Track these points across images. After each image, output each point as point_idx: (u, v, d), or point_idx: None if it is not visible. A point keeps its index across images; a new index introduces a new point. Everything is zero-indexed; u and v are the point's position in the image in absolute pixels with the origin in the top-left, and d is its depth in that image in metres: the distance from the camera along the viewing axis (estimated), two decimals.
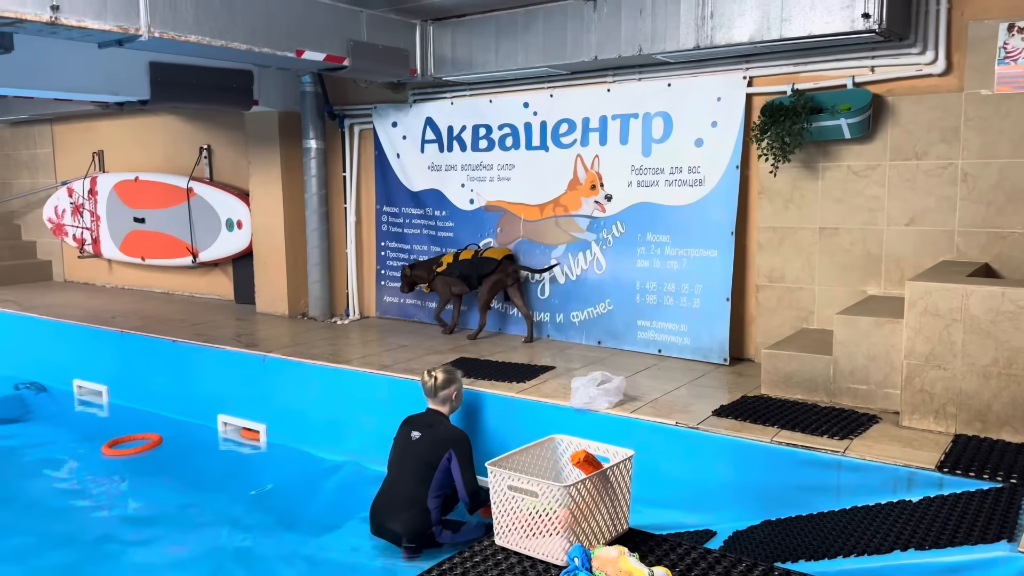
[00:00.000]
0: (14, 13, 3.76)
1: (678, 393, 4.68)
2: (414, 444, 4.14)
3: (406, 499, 4.03)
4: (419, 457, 4.08)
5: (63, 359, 7.10)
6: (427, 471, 4.03)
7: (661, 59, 5.22)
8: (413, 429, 4.21)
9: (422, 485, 4.03)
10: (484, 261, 5.99)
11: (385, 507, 4.09)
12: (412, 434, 4.18)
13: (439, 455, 4.04)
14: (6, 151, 10.27)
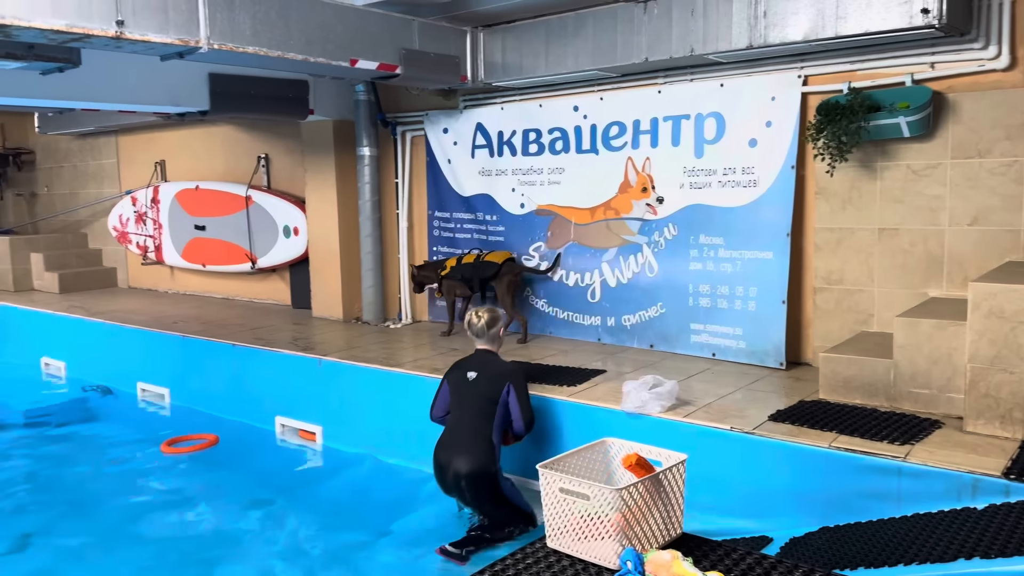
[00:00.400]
0: (82, 29, 3.91)
1: (733, 397, 4.62)
2: (472, 384, 4.32)
3: (472, 435, 4.20)
4: (480, 395, 4.27)
5: (127, 363, 7.33)
6: (489, 406, 4.23)
7: (713, 59, 5.17)
8: (468, 371, 4.37)
9: (486, 420, 4.22)
10: (485, 265, 6.15)
11: (450, 447, 4.22)
12: (468, 375, 4.35)
13: (499, 389, 4.25)
14: (73, 162, 10.67)
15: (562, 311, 6.32)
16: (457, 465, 4.14)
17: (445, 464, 4.21)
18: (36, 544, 4.44)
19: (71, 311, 8.19)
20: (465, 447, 4.17)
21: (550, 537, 2.93)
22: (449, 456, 4.20)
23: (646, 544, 2.80)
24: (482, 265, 6.19)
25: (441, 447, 4.28)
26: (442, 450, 4.27)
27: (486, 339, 4.48)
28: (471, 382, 4.34)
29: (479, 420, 4.23)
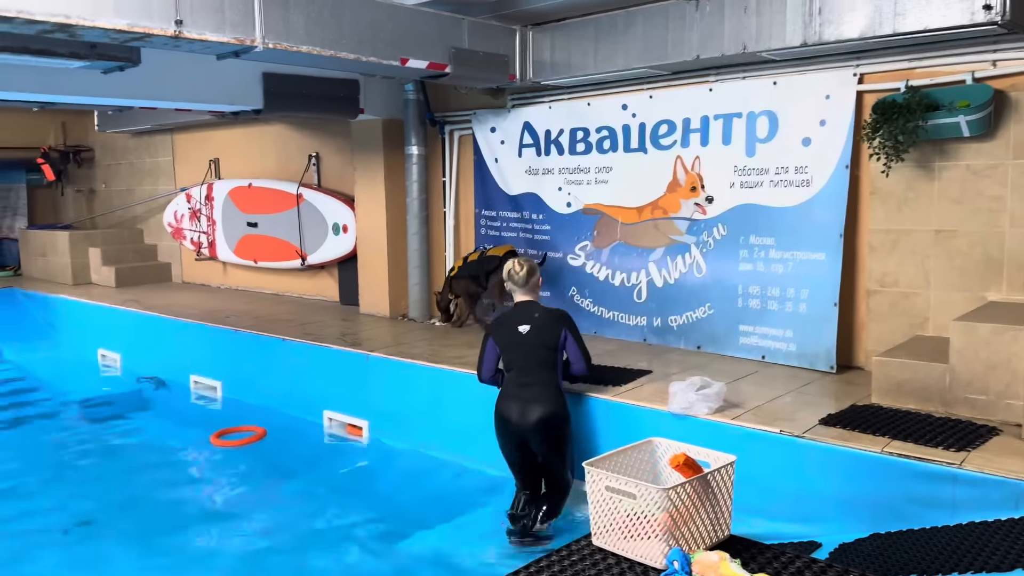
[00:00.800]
0: (143, 28, 4.02)
1: (782, 400, 4.55)
2: (528, 336, 4.32)
3: (541, 384, 4.27)
4: (540, 344, 4.30)
5: (181, 356, 7.51)
6: (550, 354, 4.30)
7: (766, 57, 5.10)
8: (518, 325, 4.35)
9: (551, 369, 4.31)
10: (488, 259, 6.32)
11: (521, 400, 4.24)
12: (520, 329, 4.34)
13: (557, 335, 4.32)
14: (130, 159, 10.96)
15: (607, 311, 6.30)
16: (532, 415, 4.19)
17: (518, 418, 4.22)
18: (87, 531, 4.58)
19: (127, 304, 8.42)
20: (537, 397, 4.23)
21: (595, 535, 2.92)
22: (522, 409, 4.22)
23: (693, 545, 2.77)
24: (485, 260, 6.34)
25: (509, 402, 4.27)
26: (512, 404, 4.25)
27: (527, 289, 4.46)
28: (526, 335, 4.32)
29: (544, 370, 4.29)
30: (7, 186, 11.41)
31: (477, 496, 4.88)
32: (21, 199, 11.65)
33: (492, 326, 4.49)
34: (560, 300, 6.56)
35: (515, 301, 4.52)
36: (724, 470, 2.92)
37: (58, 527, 4.60)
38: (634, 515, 2.76)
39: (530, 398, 4.25)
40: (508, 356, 4.38)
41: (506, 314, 4.50)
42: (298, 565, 4.14)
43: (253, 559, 4.22)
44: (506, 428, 4.29)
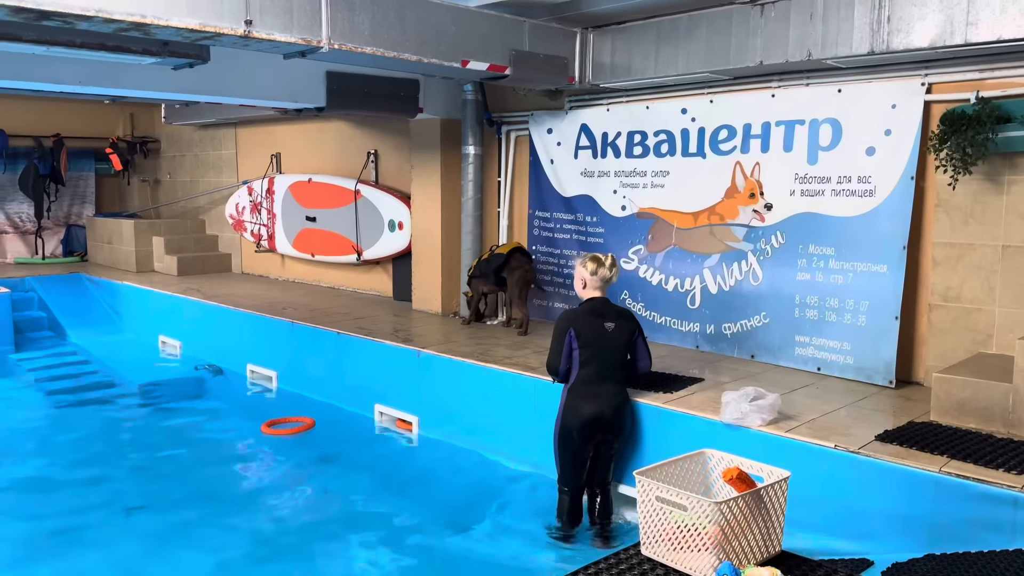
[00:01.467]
0: (214, 28, 4.13)
1: (838, 414, 4.48)
2: (613, 333, 4.34)
3: (619, 381, 4.40)
4: (620, 343, 4.38)
5: (238, 345, 7.70)
6: (624, 351, 4.40)
7: (831, 64, 5.01)
8: (604, 321, 4.35)
9: (623, 366, 4.42)
10: (494, 257, 6.51)
11: (602, 395, 4.30)
12: (606, 325, 4.34)
13: (632, 333, 4.43)
14: (195, 152, 11.25)
15: (660, 316, 6.26)
16: (615, 411, 4.32)
17: (602, 414, 4.27)
18: (143, 512, 4.73)
19: (188, 293, 8.65)
20: (618, 393, 4.37)
21: (644, 545, 2.92)
22: (606, 405, 4.28)
23: (744, 560, 2.76)
24: (492, 258, 6.54)
25: (590, 400, 4.28)
26: (593, 402, 4.27)
27: (605, 287, 4.46)
28: (611, 332, 4.34)
29: (621, 369, 4.41)
30: (77, 174, 11.81)
31: (523, 496, 4.91)
32: (90, 187, 12.05)
33: (569, 319, 4.38)
34: None
35: (590, 297, 4.43)
36: (778, 486, 2.90)
37: (115, 507, 4.76)
38: (684, 527, 2.76)
39: (612, 394, 4.33)
40: (588, 352, 4.31)
41: (585, 307, 4.41)
42: (341, 552, 4.22)
43: (303, 547, 4.31)
44: (587, 427, 4.27)
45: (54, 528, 4.48)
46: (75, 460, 5.55)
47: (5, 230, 11.37)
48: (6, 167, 11.01)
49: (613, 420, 4.31)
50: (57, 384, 7.41)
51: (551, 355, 4.42)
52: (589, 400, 4.28)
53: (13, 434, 6.08)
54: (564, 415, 4.33)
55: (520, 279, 6.42)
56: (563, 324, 4.37)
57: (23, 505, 4.80)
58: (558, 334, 4.37)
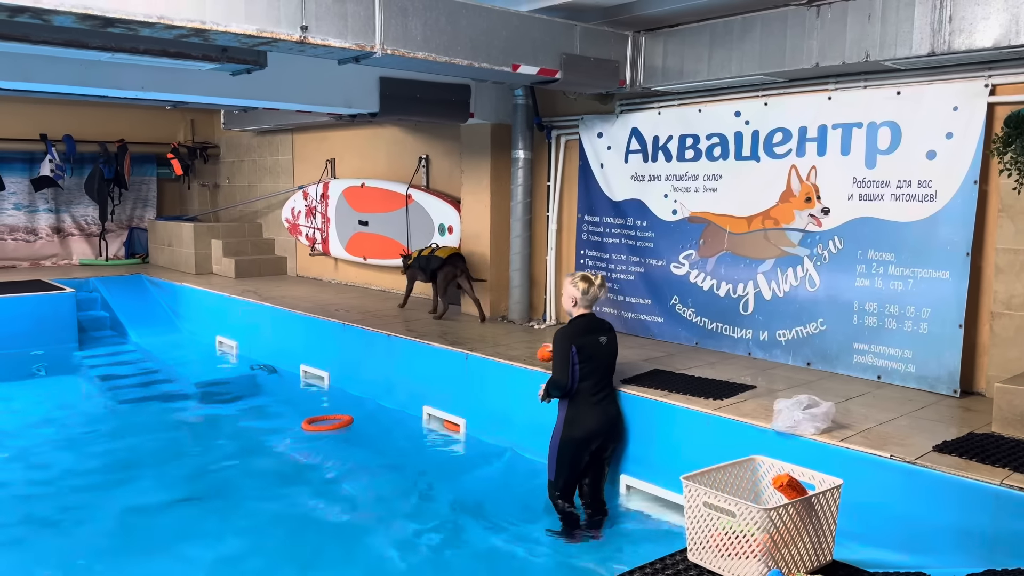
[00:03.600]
0: (270, 33, 4.22)
1: (896, 424, 4.35)
2: (605, 347, 4.60)
3: (611, 387, 4.67)
4: (611, 353, 4.65)
5: (292, 345, 7.84)
6: (613, 362, 4.69)
7: (890, 66, 4.89)
8: (598, 336, 4.59)
9: (611, 375, 4.69)
10: (432, 258, 7.31)
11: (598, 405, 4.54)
12: (600, 339, 4.59)
13: (617, 344, 4.72)
14: (253, 157, 11.50)
15: (711, 322, 6.18)
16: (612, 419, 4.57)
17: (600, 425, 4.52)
18: (194, 504, 4.85)
19: (245, 295, 8.84)
20: (612, 401, 4.66)
21: (691, 551, 2.88)
22: (603, 415, 4.54)
23: (793, 568, 2.70)
24: (430, 258, 7.35)
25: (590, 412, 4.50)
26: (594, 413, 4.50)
27: (593, 303, 4.67)
28: (604, 345, 4.59)
29: (608, 377, 4.66)
30: (139, 179, 12.19)
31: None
32: (151, 191, 12.43)
33: (570, 336, 4.54)
34: (661, 309, 6.49)
35: (580, 313, 4.64)
36: (830, 493, 2.83)
37: (168, 500, 4.89)
38: (732, 533, 2.71)
39: (607, 403, 4.61)
40: (588, 366, 4.52)
41: (580, 325, 4.60)
42: (388, 548, 4.26)
43: (348, 535, 4.40)
44: (591, 437, 4.50)
45: (118, 518, 4.62)
46: (132, 454, 5.71)
47: (71, 232, 11.79)
48: (73, 171, 11.41)
49: (613, 428, 4.63)
50: (118, 381, 7.65)
51: (558, 373, 4.52)
52: (591, 411, 4.52)
53: (76, 428, 6.29)
54: (567, 427, 4.52)
55: (445, 277, 7.31)
56: (565, 342, 4.52)
57: (87, 496, 4.96)
58: (561, 352, 4.51)
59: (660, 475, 4.72)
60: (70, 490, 5.06)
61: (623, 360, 5.78)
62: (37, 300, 8.74)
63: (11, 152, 10.95)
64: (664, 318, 6.49)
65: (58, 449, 5.79)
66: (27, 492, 5.03)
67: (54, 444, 5.89)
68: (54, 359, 8.39)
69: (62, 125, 11.03)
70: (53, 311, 8.77)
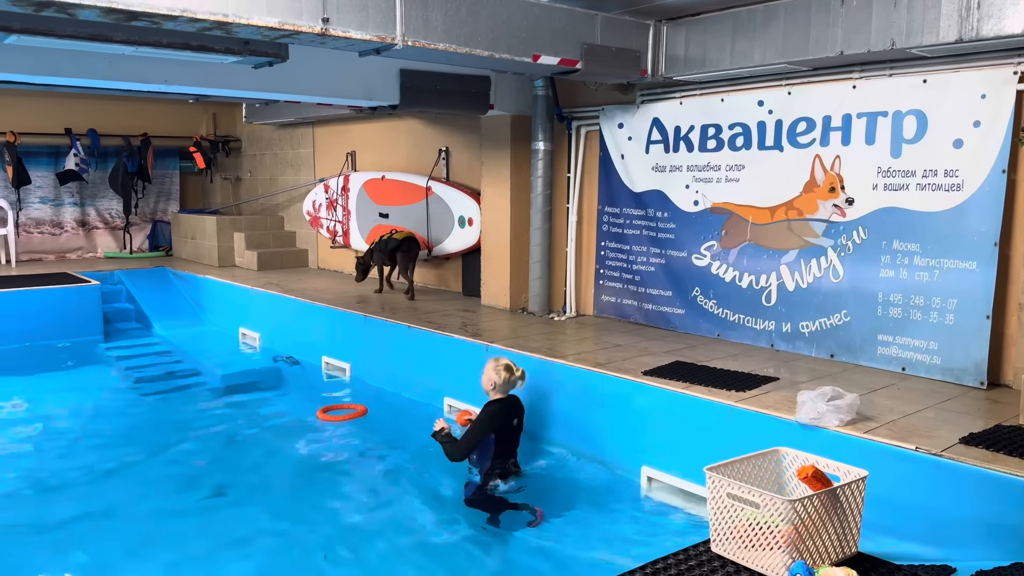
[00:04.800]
0: (292, 26, 4.24)
1: (921, 416, 4.31)
2: (516, 428, 5.00)
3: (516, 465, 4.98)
4: (520, 432, 5.03)
5: (314, 337, 7.88)
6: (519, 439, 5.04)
7: (916, 53, 4.82)
8: (512, 419, 4.97)
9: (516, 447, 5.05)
10: (391, 240, 8.19)
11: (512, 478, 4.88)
12: (514, 422, 4.99)
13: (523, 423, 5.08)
14: (274, 150, 11.56)
15: (732, 313, 6.14)
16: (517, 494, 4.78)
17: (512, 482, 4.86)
18: (218, 496, 4.89)
19: (267, 287, 8.90)
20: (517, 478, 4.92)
21: (714, 542, 2.87)
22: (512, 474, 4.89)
23: (818, 559, 2.68)
24: (390, 240, 8.20)
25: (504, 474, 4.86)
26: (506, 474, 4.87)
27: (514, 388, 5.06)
28: (516, 427, 5.00)
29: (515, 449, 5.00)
30: (162, 172, 12.29)
31: (587, 489, 4.89)
32: (174, 185, 12.53)
33: (493, 424, 4.86)
34: (682, 301, 6.46)
35: (498, 397, 4.97)
36: (855, 485, 2.81)
37: (195, 489, 4.94)
38: (756, 525, 2.69)
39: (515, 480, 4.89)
40: (501, 447, 4.87)
41: (501, 411, 4.94)
42: (401, 540, 4.29)
43: (365, 527, 4.41)
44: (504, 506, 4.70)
45: (141, 507, 4.68)
46: (156, 444, 5.77)
47: (96, 225, 11.92)
48: (97, 165, 11.53)
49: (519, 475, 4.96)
50: (143, 372, 7.73)
51: (465, 449, 4.80)
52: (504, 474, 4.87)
53: (101, 419, 6.37)
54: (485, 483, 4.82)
55: (405, 257, 8.15)
56: (486, 429, 4.83)
57: (108, 487, 5.02)
58: (478, 435, 4.80)
59: (682, 467, 4.70)
60: (95, 479, 5.12)
61: (643, 352, 5.79)
62: (63, 292, 8.84)
63: (37, 146, 11.07)
64: (685, 310, 6.45)
65: (83, 438, 5.86)
66: (52, 482, 5.09)
67: (80, 434, 5.97)
68: (80, 351, 8.49)
69: (86, 119, 11.14)
70: (79, 303, 8.87)
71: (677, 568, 2.71)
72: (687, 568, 2.71)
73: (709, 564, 2.75)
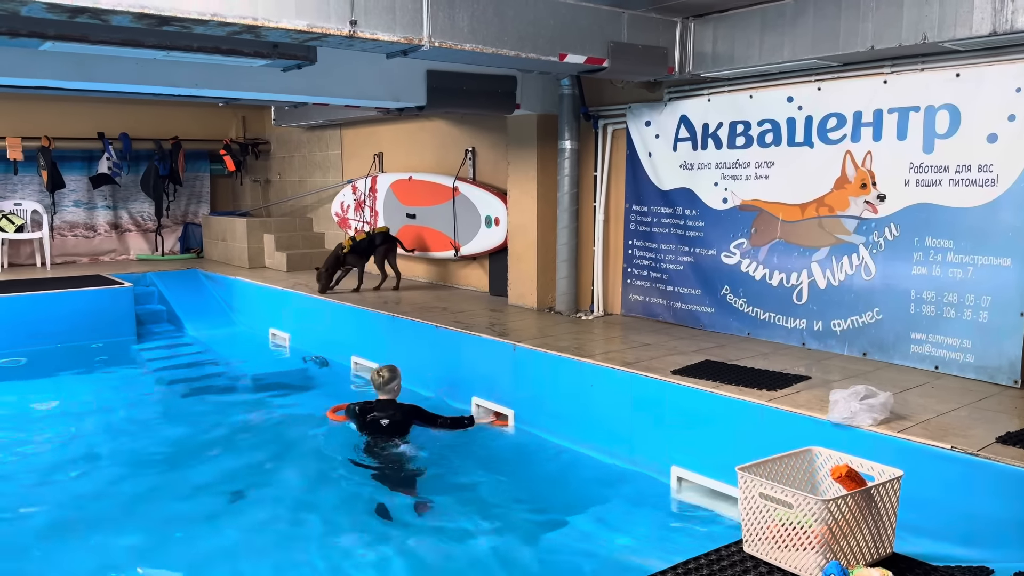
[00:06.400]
0: (321, 28, 4.27)
1: (956, 415, 4.24)
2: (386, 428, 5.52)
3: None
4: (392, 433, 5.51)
5: (343, 338, 7.94)
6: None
7: (949, 47, 4.74)
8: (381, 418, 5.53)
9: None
10: (375, 236, 8.71)
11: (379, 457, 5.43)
12: (382, 422, 5.50)
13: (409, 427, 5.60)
14: (303, 152, 11.66)
15: (763, 312, 6.08)
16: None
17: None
18: (245, 496, 4.94)
19: (296, 288, 8.98)
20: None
21: (747, 542, 2.85)
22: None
23: (852, 560, 2.65)
24: (372, 237, 8.71)
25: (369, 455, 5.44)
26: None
27: (385, 392, 5.66)
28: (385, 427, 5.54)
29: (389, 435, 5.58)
30: (193, 175, 12.45)
31: (616, 489, 4.88)
32: (205, 187, 12.68)
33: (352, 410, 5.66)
34: (711, 300, 6.41)
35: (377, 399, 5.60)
36: (890, 485, 2.77)
37: (223, 488, 4.99)
38: (789, 525, 2.67)
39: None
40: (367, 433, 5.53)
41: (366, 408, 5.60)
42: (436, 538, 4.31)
43: (402, 528, 4.43)
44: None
45: (171, 506, 4.75)
46: (186, 442, 5.84)
47: (128, 228, 12.11)
48: (129, 169, 11.71)
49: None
50: (175, 373, 7.84)
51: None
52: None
53: (133, 418, 6.46)
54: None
55: (384, 251, 8.73)
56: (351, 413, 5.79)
57: (142, 484, 5.10)
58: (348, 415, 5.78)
59: (712, 467, 4.67)
60: (128, 477, 5.20)
61: (671, 351, 5.76)
62: (97, 294, 8.99)
63: (71, 151, 11.26)
64: (714, 308, 6.41)
65: (117, 437, 5.95)
66: (84, 479, 5.18)
67: (113, 434, 6.06)
68: (113, 351, 8.63)
69: (119, 124, 11.31)
70: (112, 305, 9.02)
71: (709, 568, 2.69)
72: (719, 568, 2.69)
73: (742, 564, 2.73)
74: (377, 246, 8.71)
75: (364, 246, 8.69)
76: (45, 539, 4.35)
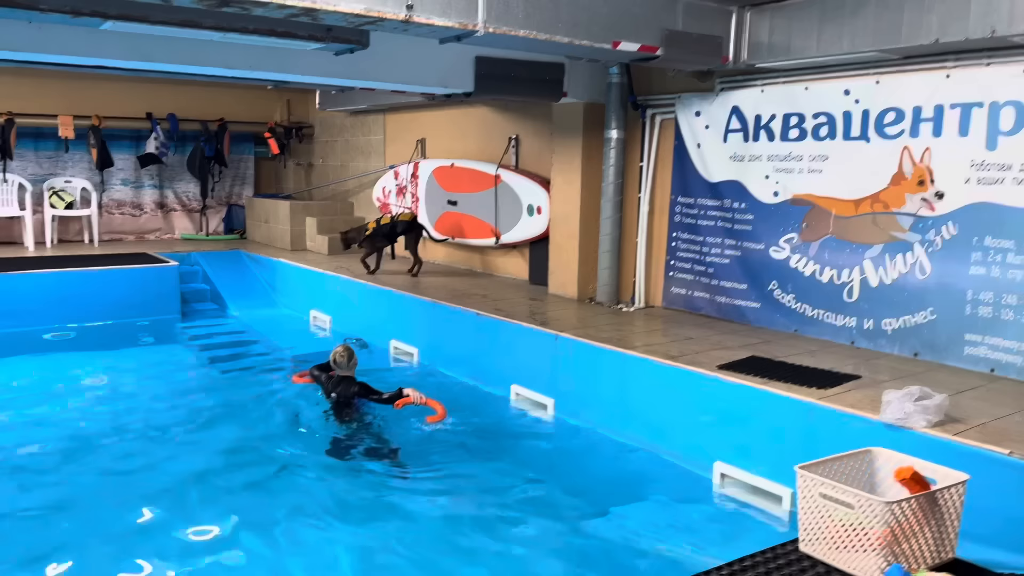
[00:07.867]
0: (377, 12, 4.26)
1: (1013, 419, 4.14)
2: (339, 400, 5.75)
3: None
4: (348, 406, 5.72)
5: (383, 321, 7.98)
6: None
7: (1017, 42, 4.60)
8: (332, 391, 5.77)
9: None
10: (399, 223, 8.80)
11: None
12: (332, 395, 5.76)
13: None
14: (346, 137, 11.71)
15: (811, 309, 5.98)
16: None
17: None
18: (283, 474, 4.98)
19: (338, 271, 9.04)
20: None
21: (803, 541, 2.80)
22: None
23: (914, 563, 2.59)
24: (396, 223, 8.79)
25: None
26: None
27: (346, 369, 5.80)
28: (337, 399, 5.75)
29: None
30: (238, 157, 12.56)
31: (657, 482, 4.85)
32: (249, 169, 12.80)
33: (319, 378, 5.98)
34: (758, 295, 6.32)
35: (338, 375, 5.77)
36: (955, 488, 2.71)
37: (263, 464, 5.05)
38: (849, 526, 2.62)
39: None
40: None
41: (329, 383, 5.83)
42: (467, 532, 4.30)
43: (434, 518, 4.44)
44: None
45: (209, 482, 4.80)
46: (228, 419, 5.91)
47: (174, 208, 12.26)
48: (176, 149, 11.85)
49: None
50: (218, 352, 7.94)
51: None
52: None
53: (177, 395, 6.55)
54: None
55: (413, 238, 8.81)
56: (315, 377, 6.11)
57: (186, 458, 5.16)
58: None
59: (757, 464, 4.62)
60: (169, 450, 5.30)
61: (716, 345, 5.69)
62: (143, 272, 9.13)
63: (120, 130, 11.42)
64: (761, 304, 6.32)
65: (161, 413, 6.05)
66: (134, 450, 5.28)
67: (157, 409, 6.15)
68: (159, 329, 8.77)
69: (166, 104, 11.45)
70: (158, 283, 9.15)
71: (766, 567, 2.66)
72: (776, 567, 2.65)
73: (799, 564, 2.69)
74: (399, 233, 8.82)
75: (386, 231, 8.82)
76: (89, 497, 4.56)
